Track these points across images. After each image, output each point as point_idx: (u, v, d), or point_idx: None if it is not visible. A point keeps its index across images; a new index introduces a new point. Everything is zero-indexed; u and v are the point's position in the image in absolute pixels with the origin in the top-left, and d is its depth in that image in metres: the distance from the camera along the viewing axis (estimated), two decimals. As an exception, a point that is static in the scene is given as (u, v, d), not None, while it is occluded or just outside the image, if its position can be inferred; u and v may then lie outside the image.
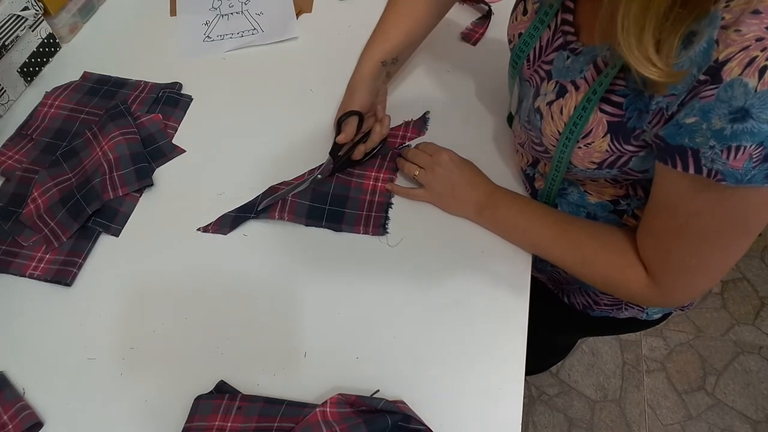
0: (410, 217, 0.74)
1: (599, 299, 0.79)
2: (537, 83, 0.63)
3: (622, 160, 0.56)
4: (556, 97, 0.59)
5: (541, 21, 0.62)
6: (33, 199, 0.76)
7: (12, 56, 0.89)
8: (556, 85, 0.59)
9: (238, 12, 1.01)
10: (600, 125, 0.55)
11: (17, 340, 0.67)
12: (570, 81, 0.57)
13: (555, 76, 0.60)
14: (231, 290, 0.69)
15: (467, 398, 0.60)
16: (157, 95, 0.88)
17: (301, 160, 0.80)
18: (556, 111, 0.58)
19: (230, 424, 0.58)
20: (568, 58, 0.58)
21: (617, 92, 0.53)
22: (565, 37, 0.59)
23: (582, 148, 0.57)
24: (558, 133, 0.59)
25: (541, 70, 0.62)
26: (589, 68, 0.55)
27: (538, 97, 0.62)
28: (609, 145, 0.55)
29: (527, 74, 0.66)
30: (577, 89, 0.56)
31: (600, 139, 0.55)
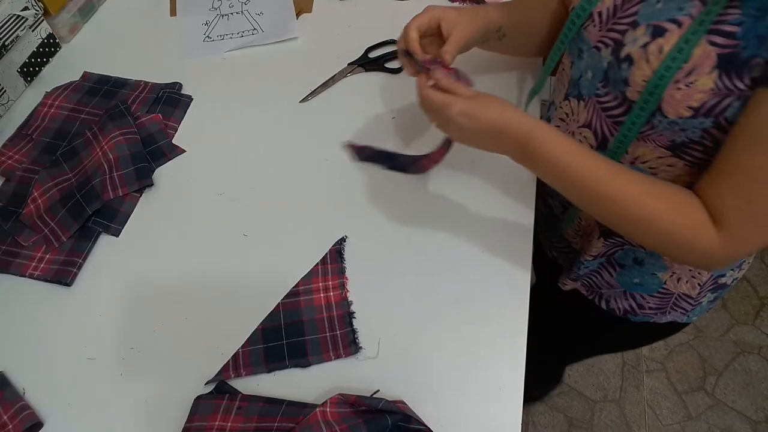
0: (410, 217, 0.74)
1: (644, 302, 0.75)
2: (616, 39, 0.58)
3: (723, 103, 0.51)
4: (651, 37, 0.54)
5: None
6: (33, 199, 0.76)
7: (12, 56, 0.89)
8: (649, 28, 0.54)
9: (238, 12, 1.01)
10: (707, 59, 0.50)
11: (17, 340, 0.67)
12: (668, 20, 0.53)
13: (644, 21, 0.55)
14: (231, 290, 0.69)
15: (467, 398, 0.60)
16: (157, 95, 0.88)
17: (301, 160, 0.80)
18: (654, 51, 0.53)
19: (230, 424, 0.58)
20: (658, 2, 0.54)
21: (730, 21, 0.49)
22: None
23: (682, 89, 0.52)
24: (652, 74, 0.53)
25: (620, 24, 0.58)
26: (693, 2, 0.51)
27: (624, 47, 0.56)
28: (716, 82, 0.50)
29: (596, 38, 0.61)
30: (680, 26, 0.52)
31: (705, 75, 0.50)
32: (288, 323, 0.65)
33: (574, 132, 0.67)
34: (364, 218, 0.74)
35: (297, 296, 0.67)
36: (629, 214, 0.56)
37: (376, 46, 0.93)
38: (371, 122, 0.83)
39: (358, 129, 0.83)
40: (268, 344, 0.64)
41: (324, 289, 0.68)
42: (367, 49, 0.92)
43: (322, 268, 0.69)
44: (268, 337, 0.65)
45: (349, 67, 0.90)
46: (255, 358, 0.63)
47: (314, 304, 0.67)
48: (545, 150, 0.57)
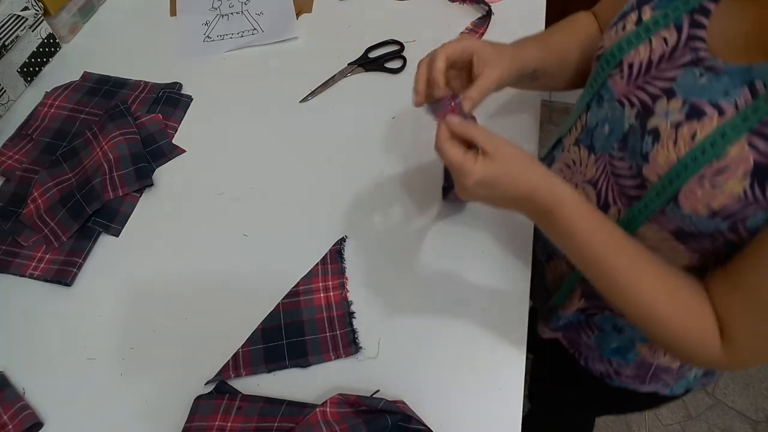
0: (410, 217, 0.74)
1: (621, 370, 0.70)
2: (644, 101, 0.53)
3: (747, 211, 0.46)
4: (686, 118, 0.48)
5: (647, 29, 0.53)
6: (33, 199, 0.76)
7: (12, 56, 0.89)
8: (686, 105, 0.48)
9: (238, 12, 1.01)
10: (742, 163, 0.44)
11: (17, 340, 0.67)
12: (709, 102, 0.47)
13: (682, 93, 0.49)
14: (231, 290, 0.69)
15: (467, 398, 0.60)
16: (157, 95, 0.88)
17: (301, 159, 0.80)
18: (686, 135, 0.47)
19: (230, 424, 0.58)
20: (702, 76, 0.48)
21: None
22: (695, 54, 0.49)
23: (705, 187, 0.46)
24: (677, 160, 0.48)
25: (652, 86, 0.52)
26: (742, 91, 0.45)
27: (652, 117, 0.51)
28: (746, 190, 0.45)
29: (621, 91, 0.55)
30: (722, 114, 0.46)
31: (736, 179, 0.45)
32: (288, 323, 0.65)
33: (578, 184, 0.62)
34: (364, 218, 0.74)
35: (297, 296, 0.67)
36: (640, 311, 0.53)
37: (376, 46, 0.93)
38: (371, 122, 0.84)
39: (358, 129, 0.83)
40: (268, 344, 0.64)
41: (324, 289, 0.68)
42: (367, 49, 0.92)
43: (322, 268, 0.69)
44: (268, 337, 0.65)
45: (349, 67, 0.91)
46: (255, 358, 0.63)
47: (314, 304, 0.67)
48: (568, 224, 0.52)
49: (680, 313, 0.51)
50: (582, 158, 0.62)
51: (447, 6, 0.98)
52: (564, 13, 0.74)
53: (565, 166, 0.65)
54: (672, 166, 0.49)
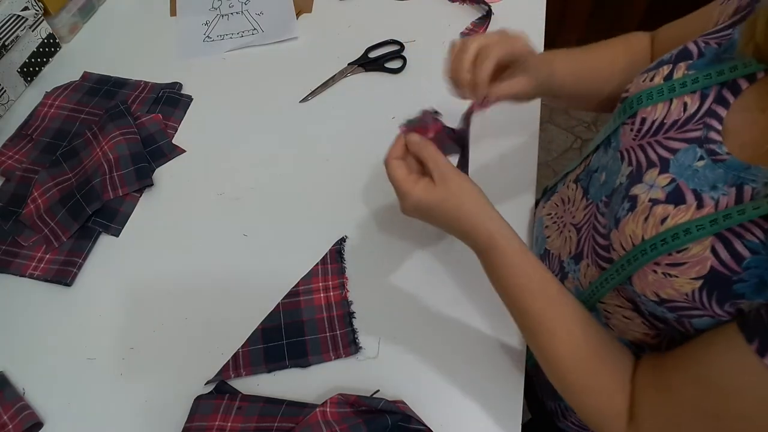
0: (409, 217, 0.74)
1: (567, 414, 0.67)
2: (639, 163, 0.50)
3: (691, 312, 0.44)
4: (665, 199, 0.46)
5: (672, 89, 0.50)
6: (33, 199, 0.76)
7: (12, 56, 0.89)
8: (672, 184, 0.46)
9: (238, 12, 1.01)
10: (699, 265, 0.42)
11: (17, 340, 0.67)
12: (693, 190, 0.45)
13: (674, 171, 0.47)
14: (231, 290, 0.69)
15: (467, 398, 0.60)
16: (157, 95, 0.88)
17: (301, 159, 0.80)
18: (657, 215, 0.46)
19: (230, 424, 0.58)
20: (701, 160, 0.46)
21: (746, 242, 0.40)
22: (706, 132, 0.46)
23: (658, 274, 0.45)
24: (642, 239, 0.47)
25: (653, 151, 0.49)
26: (729, 192, 0.43)
27: (639, 184, 0.49)
28: (694, 292, 0.43)
29: (626, 143, 0.53)
30: (700, 207, 0.44)
31: (688, 279, 0.43)
32: (288, 323, 0.65)
33: (565, 224, 0.61)
34: (364, 218, 0.74)
35: (297, 296, 0.67)
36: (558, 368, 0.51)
37: (375, 46, 0.93)
38: (371, 122, 0.83)
39: (357, 129, 0.83)
40: (268, 344, 0.64)
41: (324, 289, 0.68)
42: (367, 49, 0.92)
43: (322, 268, 0.69)
44: (268, 337, 0.65)
45: (349, 67, 0.90)
46: (255, 358, 0.63)
47: (314, 304, 0.67)
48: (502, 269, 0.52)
49: (590, 379, 0.49)
50: (576, 198, 0.61)
51: (447, 6, 0.99)
52: (564, 14, 0.73)
53: (561, 200, 0.65)
54: (634, 246, 0.47)
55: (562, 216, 0.63)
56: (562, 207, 0.64)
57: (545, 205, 0.68)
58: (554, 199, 0.67)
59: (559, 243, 0.62)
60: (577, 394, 0.51)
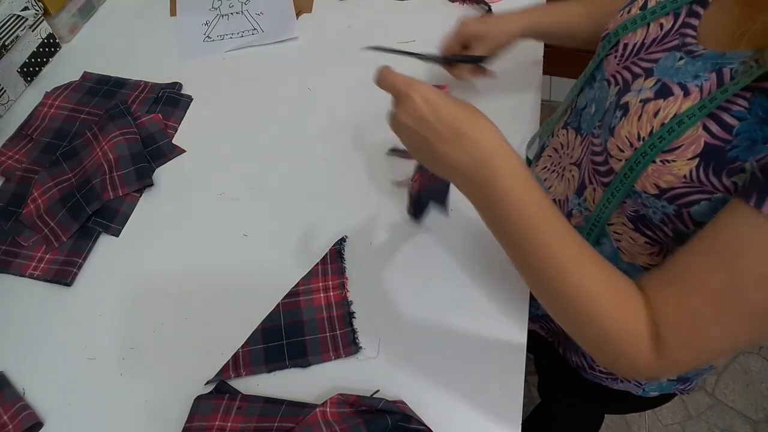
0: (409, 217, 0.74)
1: (594, 364, 0.70)
2: (626, 80, 0.54)
3: (690, 197, 0.46)
4: (654, 96, 0.50)
5: (652, 13, 0.55)
6: (33, 199, 0.76)
7: (12, 56, 0.89)
8: (658, 83, 0.50)
9: (238, 12, 1.01)
10: (693, 144, 0.45)
11: (17, 340, 0.67)
12: (678, 83, 0.49)
13: (658, 73, 0.51)
14: (231, 290, 0.69)
15: (467, 398, 0.60)
16: (157, 95, 0.88)
17: (301, 160, 0.80)
18: (650, 111, 0.49)
19: (230, 424, 0.58)
20: (681, 60, 0.50)
21: (733, 113, 0.44)
22: (683, 39, 0.51)
23: (656, 163, 0.48)
24: (637, 137, 0.49)
25: (637, 66, 0.54)
26: (710, 77, 0.47)
27: (628, 93, 0.53)
28: (691, 171, 0.46)
29: (611, 70, 0.57)
30: (687, 95, 0.47)
31: (685, 160, 0.46)
32: (288, 323, 0.65)
33: (565, 167, 0.63)
34: (364, 218, 0.74)
35: (297, 296, 0.67)
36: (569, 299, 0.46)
37: None
38: (371, 122, 0.83)
39: (357, 129, 0.83)
40: (268, 344, 0.64)
41: (324, 289, 0.68)
42: None
43: (322, 268, 0.69)
44: (268, 337, 0.65)
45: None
46: (255, 358, 0.63)
47: (314, 304, 0.67)
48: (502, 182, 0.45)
49: (613, 309, 0.45)
50: (570, 141, 0.64)
51: (447, 6, 0.99)
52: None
53: (553, 150, 0.67)
54: (633, 148, 0.50)
55: (559, 162, 0.66)
56: (557, 155, 0.66)
57: (537, 164, 0.71)
58: (547, 152, 0.69)
59: (562, 187, 0.64)
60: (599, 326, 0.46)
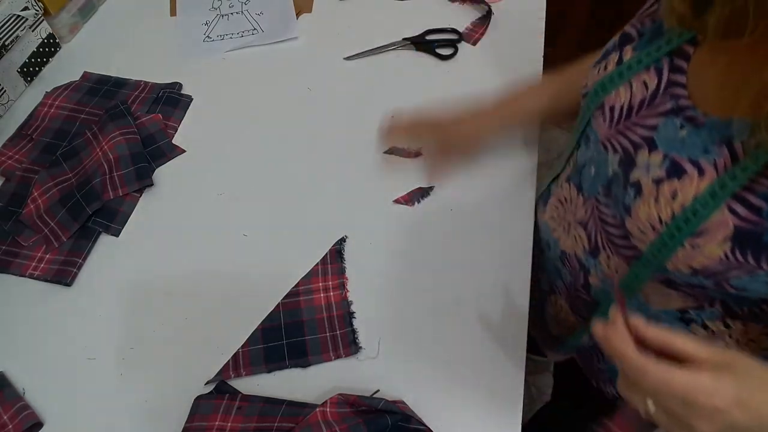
0: (410, 217, 0.74)
1: None
2: (626, 149, 0.51)
3: (729, 273, 0.44)
4: (667, 175, 0.47)
5: (629, 69, 0.51)
6: (33, 199, 0.76)
7: (12, 56, 0.89)
8: (666, 160, 0.47)
9: (238, 12, 1.01)
10: (722, 228, 0.43)
11: (17, 340, 0.67)
12: (689, 159, 0.45)
13: (663, 147, 0.48)
14: (231, 290, 0.69)
15: (467, 398, 0.60)
16: (157, 95, 0.88)
17: (301, 160, 0.80)
18: (666, 193, 0.46)
19: (230, 424, 0.58)
20: (683, 128, 0.46)
21: (758, 193, 0.41)
22: (676, 102, 0.48)
23: (686, 248, 0.45)
24: (659, 221, 0.47)
25: (633, 134, 0.51)
26: (722, 151, 0.43)
27: (634, 168, 0.50)
28: (726, 253, 0.43)
29: (604, 134, 0.54)
30: (701, 174, 0.44)
31: (716, 243, 0.43)
32: (288, 323, 0.65)
33: (570, 224, 0.62)
34: (364, 218, 0.74)
35: (297, 296, 0.67)
36: None
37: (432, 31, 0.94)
38: (371, 122, 0.83)
39: (357, 129, 0.83)
40: (268, 344, 0.64)
41: (324, 289, 0.68)
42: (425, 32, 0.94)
43: (322, 268, 0.69)
44: (268, 337, 0.65)
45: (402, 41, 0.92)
46: (255, 358, 0.63)
47: (314, 304, 0.67)
48: None
49: None
50: (572, 197, 0.61)
51: (447, 6, 0.99)
52: (564, 14, 0.74)
53: (559, 202, 0.65)
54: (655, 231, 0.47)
55: (564, 216, 0.64)
56: (562, 208, 0.64)
57: (545, 210, 0.69)
58: (552, 202, 0.67)
59: (570, 242, 0.62)
60: None
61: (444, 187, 0.76)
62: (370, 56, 0.92)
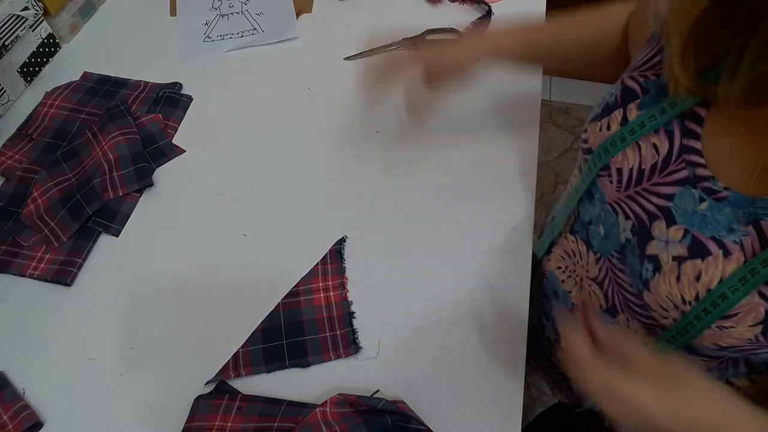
0: (410, 217, 0.74)
1: None
2: (640, 217, 0.48)
3: (758, 351, 0.43)
4: (689, 254, 0.44)
5: (633, 132, 0.48)
6: (33, 199, 0.76)
7: (12, 56, 0.89)
8: (687, 236, 0.44)
9: (238, 12, 1.01)
10: (753, 312, 0.41)
11: (17, 340, 0.67)
12: (713, 239, 0.43)
13: (682, 221, 0.45)
14: (231, 290, 0.69)
15: (467, 398, 0.60)
16: (157, 95, 0.88)
17: (301, 160, 0.80)
18: (689, 273, 0.44)
19: (230, 424, 0.58)
20: (703, 202, 0.44)
21: None
22: (692, 170, 0.45)
23: (713, 329, 0.43)
24: (683, 300, 0.45)
25: (647, 201, 0.48)
26: (749, 231, 0.41)
27: (651, 241, 0.47)
28: (757, 336, 0.42)
29: (612, 196, 0.51)
30: (727, 255, 0.42)
31: (745, 326, 0.42)
32: (288, 323, 0.65)
33: (583, 279, 0.59)
34: (364, 218, 0.74)
35: (297, 296, 0.67)
36: None
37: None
38: (370, 122, 0.83)
39: (357, 129, 0.83)
40: (268, 344, 0.64)
41: (324, 289, 0.68)
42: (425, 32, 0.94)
43: (322, 268, 0.69)
44: (268, 337, 0.65)
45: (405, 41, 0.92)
46: (255, 358, 0.63)
47: (314, 304, 0.67)
48: None
49: None
50: (581, 252, 0.59)
51: (447, 6, 0.99)
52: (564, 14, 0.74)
53: (565, 253, 0.63)
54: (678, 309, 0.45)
55: (574, 269, 0.61)
56: (570, 260, 0.62)
57: (550, 258, 0.67)
58: (557, 252, 0.66)
59: (582, 296, 0.60)
60: None
61: (443, 187, 0.76)
62: (370, 56, 0.92)
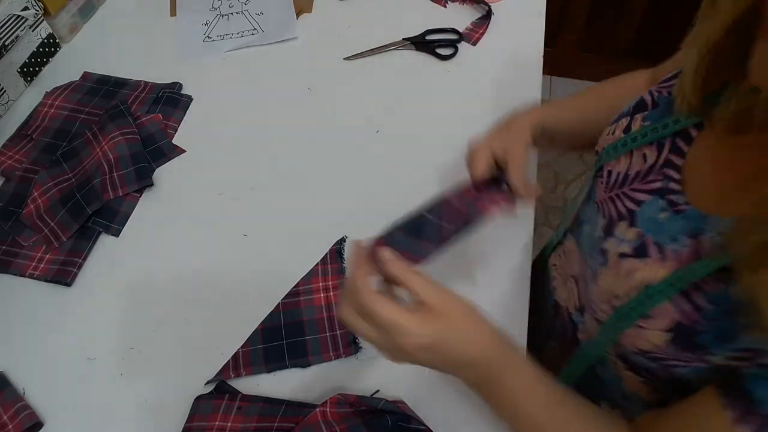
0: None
1: None
2: (610, 215, 0.52)
3: (669, 362, 0.45)
4: (633, 253, 0.47)
5: (633, 140, 0.51)
6: (33, 199, 0.76)
7: (12, 56, 0.89)
8: (639, 239, 0.47)
9: (238, 12, 1.01)
10: (665, 318, 0.43)
11: (17, 340, 0.67)
12: (656, 244, 0.46)
13: (641, 225, 0.48)
14: (231, 290, 0.69)
15: (467, 398, 0.60)
16: (157, 95, 0.88)
17: (301, 160, 0.80)
18: (626, 271, 0.47)
19: (230, 424, 0.58)
20: (664, 212, 0.46)
21: (706, 294, 0.41)
22: (666, 183, 0.47)
23: (634, 326, 0.46)
24: (614, 296, 0.48)
25: (621, 203, 0.51)
26: (688, 244, 0.43)
27: (610, 237, 0.51)
28: (666, 343, 0.44)
29: (600, 196, 0.55)
30: (663, 260, 0.45)
31: (658, 331, 0.44)
32: (288, 323, 0.65)
33: (566, 277, 0.62)
34: (364, 218, 0.74)
35: (297, 296, 0.67)
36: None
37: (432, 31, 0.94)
38: (370, 122, 0.83)
39: (357, 129, 0.83)
40: (268, 344, 0.64)
41: (324, 289, 0.68)
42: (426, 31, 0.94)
43: (322, 268, 0.69)
44: (268, 337, 0.65)
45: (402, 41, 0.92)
46: (255, 358, 0.63)
47: (314, 304, 0.67)
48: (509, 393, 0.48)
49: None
50: (572, 250, 0.61)
51: (447, 6, 0.99)
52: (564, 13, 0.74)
53: (563, 252, 0.65)
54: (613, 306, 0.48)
55: (564, 267, 0.64)
56: (564, 259, 0.65)
57: (551, 257, 0.69)
58: (558, 251, 0.67)
59: (565, 294, 0.63)
60: None
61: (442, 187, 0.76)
62: (370, 56, 0.92)
